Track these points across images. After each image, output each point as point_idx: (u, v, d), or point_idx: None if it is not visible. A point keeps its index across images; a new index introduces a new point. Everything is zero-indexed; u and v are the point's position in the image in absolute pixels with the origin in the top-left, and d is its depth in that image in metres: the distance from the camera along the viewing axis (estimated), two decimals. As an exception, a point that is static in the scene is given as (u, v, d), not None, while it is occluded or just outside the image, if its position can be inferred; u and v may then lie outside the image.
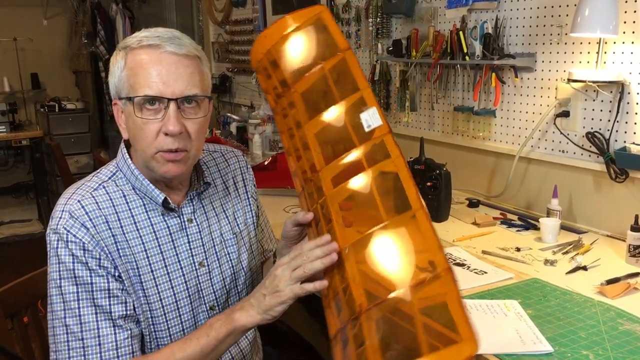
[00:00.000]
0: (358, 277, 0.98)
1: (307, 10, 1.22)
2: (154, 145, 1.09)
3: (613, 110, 1.75)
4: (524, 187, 2.10)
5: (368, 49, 2.76)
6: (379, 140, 1.09)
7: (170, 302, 1.18)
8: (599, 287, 1.41)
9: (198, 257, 1.21)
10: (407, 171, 1.06)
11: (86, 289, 1.07)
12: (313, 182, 1.11)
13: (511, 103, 2.08)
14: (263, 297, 1.05)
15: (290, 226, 1.16)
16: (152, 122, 1.08)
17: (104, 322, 1.08)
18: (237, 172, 1.35)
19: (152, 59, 1.06)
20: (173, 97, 1.07)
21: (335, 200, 1.08)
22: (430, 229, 1.00)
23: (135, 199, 1.16)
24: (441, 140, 2.39)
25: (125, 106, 1.10)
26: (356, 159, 1.10)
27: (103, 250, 1.09)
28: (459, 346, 0.86)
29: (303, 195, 1.15)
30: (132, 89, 1.07)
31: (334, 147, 1.14)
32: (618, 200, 1.79)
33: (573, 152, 1.90)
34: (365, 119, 1.11)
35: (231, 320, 1.08)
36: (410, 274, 0.95)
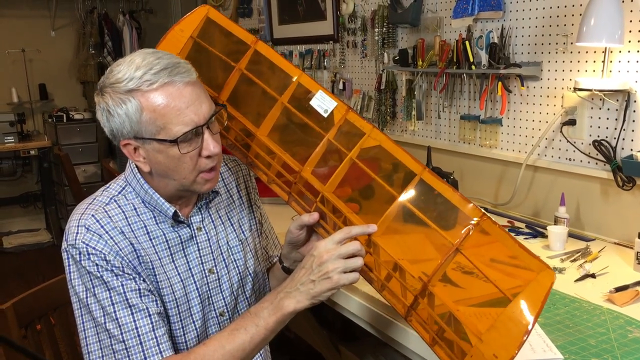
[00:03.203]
0: (402, 254, 1.00)
1: (192, 16, 1.21)
2: (196, 170, 1.12)
3: (619, 119, 1.76)
4: (531, 195, 2.10)
5: (374, 58, 2.78)
6: (343, 121, 1.10)
7: (184, 309, 1.19)
8: (608, 294, 1.41)
9: (208, 265, 1.23)
10: (389, 140, 1.07)
11: (118, 292, 1.09)
12: (297, 184, 1.12)
13: (517, 111, 2.09)
14: (312, 283, 1.06)
15: (295, 231, 1.17)
16: (191, 152, 1.10)
17: (142, 320, 1.10)
18: (240, 180, 1.37)
19: (173, 96, 1.07)
20: (205, 122, 1.10)
21: (331, 192, 1.09)
22: (446, 186, 1.01)
23: (145, 212, 1.18)
24: (448, 148, 2.40)
25: (149, 145, 1.10)
26: (331, 146, 1.10)
27: (124, 260, 1.11)
28: (537, 281, 0.91)
29: (293, 200, 1.16)
30: (164, 129, 1.07)
31: (300, 143, 1.15)
32: (625, 208, 1.79)
33: (580, 160, 1.91)
34: (317, 105, 1.11)
35: (280, 308, 1.09)
36: (452, 233, 0.98)
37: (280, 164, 1.17)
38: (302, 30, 3.34)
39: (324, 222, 1.13)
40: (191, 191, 1.18)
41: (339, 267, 1.04)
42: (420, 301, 1.01)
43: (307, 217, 1.14)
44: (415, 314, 1.04)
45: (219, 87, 1.22)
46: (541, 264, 0.94)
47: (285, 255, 1.28)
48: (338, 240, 1.06)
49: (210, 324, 1.25)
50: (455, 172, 1.99)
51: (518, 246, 0.97)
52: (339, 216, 1.09)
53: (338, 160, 1.11)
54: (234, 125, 1.20)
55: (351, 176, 1.12)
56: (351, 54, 2.97)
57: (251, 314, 1.12)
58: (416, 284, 1.01)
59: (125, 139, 1.11)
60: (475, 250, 1.01)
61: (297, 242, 1.22)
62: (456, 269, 1.05)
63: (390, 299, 1.08)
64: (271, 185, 1.22)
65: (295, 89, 1.16)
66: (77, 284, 1.11)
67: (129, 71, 1.07)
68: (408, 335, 1.33)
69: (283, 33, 3.52)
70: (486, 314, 1.00)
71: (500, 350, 0.91)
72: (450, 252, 0.99)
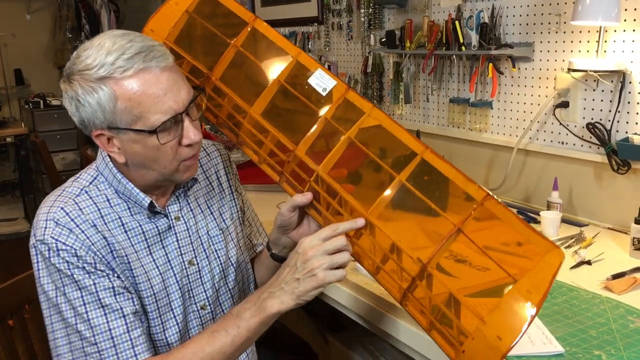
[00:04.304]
0: (400, 235, 0.97)
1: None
2: (176, 159, 1.06)
3: (614, 101, 1.71)
4: (522, 179, 2.05)
5: (360, 40, 2.70)
6: (342, 100, 1.07)
7: (164, 303, 1.13)
8: (605, 282, 1.37)
9: (187, 256, 1.17)
10: (389, 119, 1.04)
11: (90, 291, 1.03)
12: (291, 163, 1.07)
13: (508, 94, 2.04)
14: (296, 282, 1.02)
15: (287, 213, 1.12)
16: (171, 141, 1.04)
17: (116, 321, 1.04)
18: (220, 166, 1.30)
19: (150, 83, 1.00)
20: (184, 109, 1.04)
21: (326, 172, 1.05)
22: (448, 165, 0.98)
23: (119, 203, 1.11)
24: (437, 132, 2.34)
25: (125, 135, 1.03)
26: (328, 126, 1.07)
27: (96, 255, 1.04)
28: (545, 261, 0.87)
29: (284, 180, 1.12)
30: (141, 119, 1.01)
31: (296, 123, 1.11)
32: (619, 192, 1.75)
33: (573, 143, 1.86)
34: (315, 83, 1.08)
35: (263, 309, 1.04)
36: (453, 215, 0.94)
37: (274, 143, 1.12)
38: (285, 12, 3.24)
39: (318, 203, 1.09)
40: (171, 180, 1.12)
41: (324, 264, 1.00)
42: (418, 283, 0.96)
43: (300, 198, 1.09)
44: (412, 298, 0.99)
45: (212, 64, 1.17)
46: (549, 244, 0.90)
47: (274, 241, 1.22)
48: (324, 237, 1.02)
49: (191, 318, 1.19)
50: (444, 156, 1.91)
51: (525, 226, 0.92)
52: (334, 197, 1.05)
53: (335, 140, 1.06)
54: (227, 102, 1.16)
55: (349, 156, 1.07)
56: (336, 36, 2.89)
57: (233, 315, 1.07)
58: (414, 266, 0.96)
59: (98, 129, 1.04)
60: (479, 231, 0.96)
61: (289, 226, 1.16)
62: (449, 257, 1.00)
63: (385, 283, 1.03)
64: (262, 165, 1.17)
65: (294, 67, 1.12)
66: (46, 282, 1.03)
67: (99, 56, 1.00)
68: (398, 326, 1.28)
69: (266, 15, 3.42)
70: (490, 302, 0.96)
71: (505, 332, 0.87)
72: (452, 232, 0.94)
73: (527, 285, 0.88)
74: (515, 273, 0.93)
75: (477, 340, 0.89)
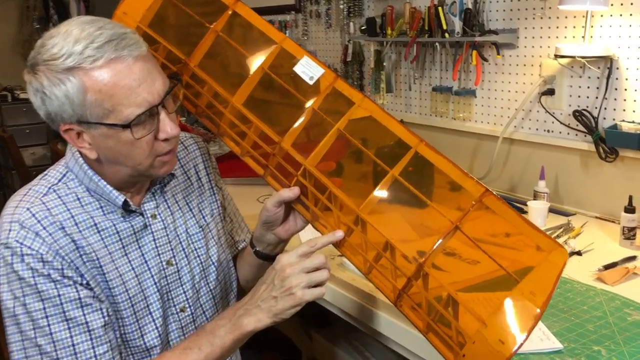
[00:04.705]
0: (395, 234, 0.93)
1: None
2: (151, 154, 1.00)
3: (601, 87, 1.68)
4: (507, 169, 2.02)
5: (339, 28, 2.64)
6: (330, 89, 1.02)
7: (141, 307, 1.07)
8: (597, 273, 1.34)
9: (165, 256, 1.10)
10: (381, 110, 1.00)
11: (54, 303, 0.95)
12: (276, 156, 1.03)
13: (492, 82, 2.00)
14: (274, 300, 0.98)
15: (272, 209, 1.07)
16: (147, 135, 0.97)
17: (80, 337, 0.97)
18: (198, 159, 1.23)
19: (122, 73, 0.93)
20: (160, 101, 0.97)
21: (314, 165, 1.01)
22: (443, 159, 0.93)
23: (91, 202, 1.04)
24: (419, 122, 2.29)
25: (96, 130, 0.96)
26: (316, 117, 1.03)
27: (64, 259, 0.97)
28: (549, 260, 0.84)
29: (269, 174, 1.07)
30: (113, 112, 0.94)
31: (281, 113, 1.07)
32: (607, 181, 1.73)
33: (559, 131, 1.83)
34: (301, 71, 1.03)
35: (238, 327, 1.00)
36: (451, 211, 0.91)
37: (257, 134, 1.07)
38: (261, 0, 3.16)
39: (305, 198, 1.04)
40: (146, 176, 1.05)
41: (302, 282, 0.97)
42: (414, 283, 0.91)
43: (287, 192, 1.04)
44: (407, 299, 0.94)
45: (189, 50, 1.11)
46: (552, 243, 0.86)
47: (259, 238, 1.16)
48: (302, 253, 0.99)
49: (170, 322, 1.12)
50: (429, 146, 1.89)
51: (526, 224, 0.87)
52: (323, 192, 1.00)
53: (324, 132, 1.01)
54: (207, 91, 1.10)
55: (338, 149, 1.03)
56: (314, 25, 2.82)
57: (206, 332, 1.02)
58: (409, 265, 0.92)
59: (66, 123, 0.96)
60: (477, 229, 0.92)
61: (274, 222, 1.10)
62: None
63: (378, 284, 0.99)
64: (245, 158, 1.11)
65: (278, 54, 1.06)
66: (4, 290, 0.95)
67: (66, 45, 0.92)
68: (389, 324, 1.23)
69: (241, 4, 3.33)
70: (488, 299, 0.91)
71: (507, 336, 0.83)
72: (449, 230, 0.89)
73: (531, 286, 0.84)
74: (507, 266, 0.90)
75: (478, 344, 0.84)
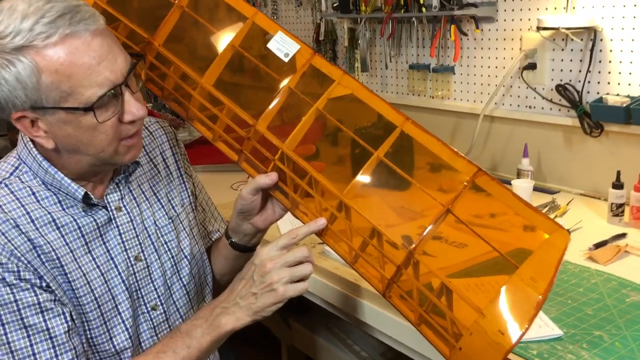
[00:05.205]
0: (380, 219, 0.87)
1: None
2: (115, 138, 0.91)
3: (584, 60, 1.62)
4: (487, 148, 1.97)
5: (310, 6, 2.55)
6: (307, 67, 0.96)
7: (109, 307, 0.98)
8: (589, 252, 1.30)
9: (133, 251, 1.02)
10: (363, 88, 0.93)
11: (10, 310, 0.87)
12: (251, 140, 0.97)
13: (471, 58, 1.93)
14: (253, 297, 0.92)
15: (248, 197, 1.00)
16: (111, 118, 0.89)
17: (41, 345, 0.88)
18: (165, 146, 1.14)
19: (80, 50, 0.84)
20: (123, 80, 0.88)
21: (292, 149, 0.94)
22: (432, 138, 0.87)
23: (47, 196, 0.95)
24: (396, 102, 2.21)
25: (53, 115, 0.87)
26: (293, 97, 0.97)
27: (20, 260, 0.88)
28: (549, 243, 0.78)
29: (244, 159, 1.01)
30: (72, 95, 0.85)
31: (254, 94, 1.02)
32: (591, 157, 1.68)
33: (541, 107, 1.78)
34: (276, 47, 0.97)
35: (216, 327, 0.94)
36: (441, 193, 0.86)
37: (230, 117, 1.00)
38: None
39: (284, 184, 0.97)
40: (111, 164, 0.96)
41: (284, 277, 0.91)
42: (404, 272, 0.85)
43: (263, 179, 0.97)
44: (396, 289, 0.88)
45: (153, 28, 1.03)
46: (553, 224, 0.80)
47: (234, 228, 1.08)
48: (282, 246, 0.93)
49: (141, 321, 1.04)
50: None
51: (523, 204, 0.81)
52: (303, 177, 0.93)
53: (302, 113, 0.95)
54: (173, 72, 1.02)
55: (317, 131, 0.96)
56: (284, 3, 2.72)
57: (182, 333, 0.95)
58: (398, 253, 0.85)
59: (19, 110, 0.86)
60: (461, 210, 0.85)
61: (250, 211, 1.03)
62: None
63: (364, 273, 0.92)
64: (217, 143, 1.04)
65: (250, 30, 1.00)
66: None
67: (12, 22, 0.82)
68: (376, 315, 1.17)
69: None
70: (482, 286, 0.85)
71: (507, 326, 0.77)
72: (440, 214, 0.83)
73: (530, 271, 0.78)
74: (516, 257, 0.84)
75: (475, 336, 0.77)
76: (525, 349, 0.94)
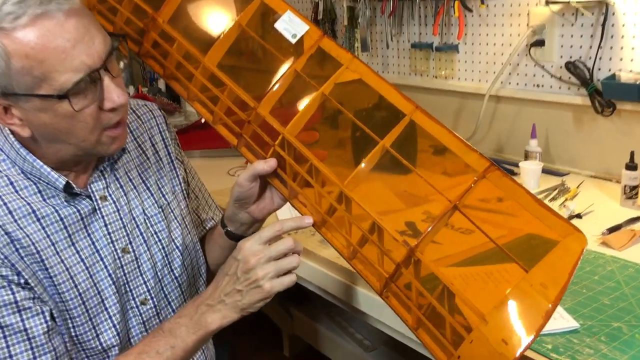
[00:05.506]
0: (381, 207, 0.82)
1: None
2: (97, 128, 0.86)
3: (595, 35, 1.55)
4: (493, 129, 1.90)
5: (308, -16, 2.46)
6: (315, 49, 0.92)
7: (95, 303, 0.93)
8: (602, 237, 1.24)
9: (120, 243, 0.96)
10: (373, 73, 0.88)
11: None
12: (252, 123, 0.93)
13: (476, 35, 1.85)
14: (239, 294, 0.88)
15: (246, 184, 0.94)
16: (89, 106, 0.83)
17: (19, 346, 0.84)
18: (155, 130, 1.08)
19: (52, 32, 0.78)
20: (101, 64, 0.82)
21: (294, 135, 0.89)
22: (442, 129, 0.82)
23: (27, 186, 0.89)
24: (398, 82, 2.14)
25: (27, 103, 0.81)
26: (298, 80, 0.92)
27: None
28: (564, 246, 0.72)
29: (244, 144, 0.96)
30: (46, 80, 0.79)
31: (258, 76, 0.99)
32: (602, 137, 1.61)
33: (550, 85, 1.70)
34: (283, 28, 0.93)
35: (202, 326, 0.89)
36: (445, 178, 0.83)
37: (232, 99, 0.95)
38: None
39: (283, 171, 0.92)
40: (94, 154, 0.91)
41: (270, 273, 0.86)
42: (404, 271, 0.79)
43: (261, 165, 0.91)
44: (395, 288, 0.82)
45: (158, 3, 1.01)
46: (568, 226, 0.74)
47: (230, 217, 1.03)
48: (266, 239, 0.88)
49: (130, 317, 0.99)
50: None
51: (537, 203, 0.75)
52: (303, 165, 0.88)
53: (306, 97, 0.91)
54: (176, 50, 0.98)
55: (321, 117, 0.92)
56: (281, -18, 2.63)
57: (165, 332, 0.89)
58: (398, 250, 0.79)
59: None
60: (477, 195, 0.81)
61: (247, 199, 0.97)
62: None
63: (361, 270, 0.86)
64: (216, 126, 0.99)
65: (257, 9, 0.95)
66: None
67: None
68: (373, 304, 1.12)
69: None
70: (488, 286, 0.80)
71: (512, 335, 0.70)
72: (447, 210, 0.77)
73: (541, 276, 0.71)
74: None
75: (476, 344, 0.71)
76: (540, 342, 0.88)
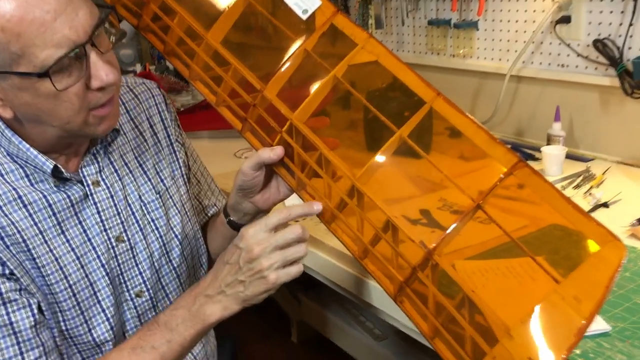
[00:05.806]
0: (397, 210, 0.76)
1: None
2: (84, 108, 0.79)
3: (627, 11, 1.45)
4: (514, 111, 1.81)
5: (321, -42, 2.36)
6: (327, 27, 0.85)
7: (87, 295, 0.87)
8: (631, 228, 1.16)
9: (114, 231, 0.90)
10: (390, 55, 0.81)
11: None
12: (257, 107, 0.87)
13: (497, 11, 1.76)
14: (241, 285, 0.83)
15: (250, 172, 0.88)
16: (74, 85, 0.76)
17: (4, 341, 0.79)
18: (153, 110, 1.01)
19: (30, 3, 0.71)
20: (87, 39, 0.75)
21: (303, 120, 0.83)
22: (467, 120, 0.74)
23: (13, 170, 0.83)
24: (413, 61, 2.06)
25: (5, 81, 0.75)
26: (308, 60, 0.86)
27: None
28: (600, 256, 0.65)
29: (248, 129, 0.91)
30: (24, 57, 0.72)
31: (265, 55, 0.94)
32: (631, 120, 1.53)
33: (575, 65, 1.61)
34: (294, 3, 0.86)
35: (201, 319, 0.84)
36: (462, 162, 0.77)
37: (236, 80, 0.89)
38: None
39: (290, 160, 0.86)
40: (82, 136, 0.84)
41: (276, 263, 0.81)
42: (420, 275, 0.72)
43: (267, 153, 0.85)
44: (410, 293, 0.76)
45: None
46: (606, 233, 0.65)
47: (233, 206, 0.96)
48: (272, 227, 0.81)
49: (124, 310, 0.93)
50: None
51: (570, 206, 0.67)
52: (312, 154, 0.82)
53: (317, 80, 0.84)
54: (177, 24, 0.92)
55: (332, 102, 0.86)
56: (293, -44, 2.54)
57: (160, 325, 0.84)
58: (416, 252, 0.73)
59: None
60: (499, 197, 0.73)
61: (251, 188, 0.91)
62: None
63: (374, 271, 0.80)
64: (220, 108, 0.94)
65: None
66: None
67: None
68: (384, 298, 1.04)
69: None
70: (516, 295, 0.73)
71: (539, 354, 0.63)
72: (469, 210, 0.71)
73: (575, 289, 0.64)
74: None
75: None
76: (566, 346, 0.81)
